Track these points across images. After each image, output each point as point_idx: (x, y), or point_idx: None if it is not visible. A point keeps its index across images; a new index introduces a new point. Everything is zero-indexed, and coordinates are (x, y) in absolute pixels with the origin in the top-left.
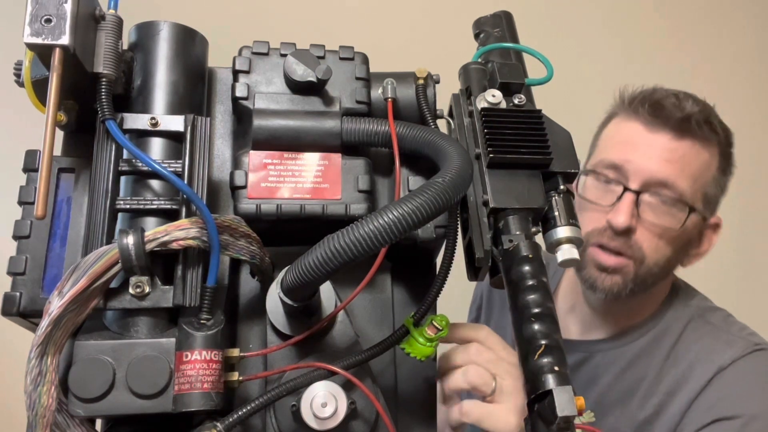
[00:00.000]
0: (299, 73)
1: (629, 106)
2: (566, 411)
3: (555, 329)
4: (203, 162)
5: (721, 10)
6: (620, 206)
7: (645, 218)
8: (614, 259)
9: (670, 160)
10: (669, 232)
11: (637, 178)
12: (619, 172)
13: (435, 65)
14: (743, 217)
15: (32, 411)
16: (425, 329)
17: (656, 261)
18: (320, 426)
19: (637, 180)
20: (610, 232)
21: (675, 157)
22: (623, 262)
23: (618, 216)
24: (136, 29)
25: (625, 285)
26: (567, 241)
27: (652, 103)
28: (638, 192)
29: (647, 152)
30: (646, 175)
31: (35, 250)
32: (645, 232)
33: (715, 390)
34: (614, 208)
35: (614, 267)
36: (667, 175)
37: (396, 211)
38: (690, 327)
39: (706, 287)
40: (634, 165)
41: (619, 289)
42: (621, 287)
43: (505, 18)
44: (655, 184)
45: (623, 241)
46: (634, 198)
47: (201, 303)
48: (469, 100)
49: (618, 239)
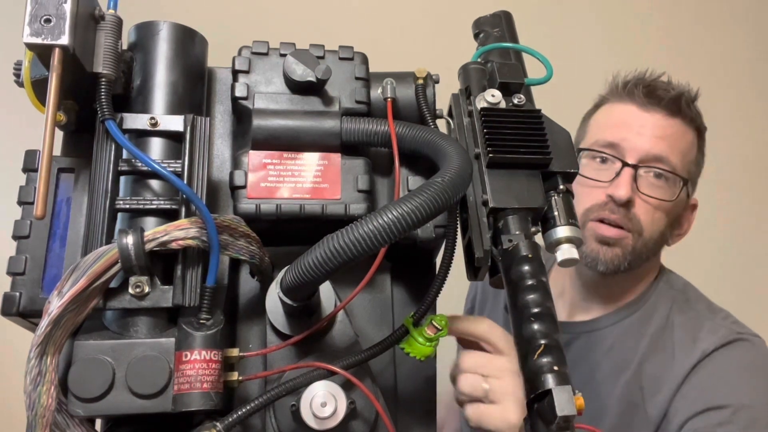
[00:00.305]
0: (299, 73)
1: (623, 89)
2: (566, 410)
3: (555, 329)
4: (203, 162)
5: (721, 10)
6: (620, 180)
7: (642, 191)
8: (615, 231)
9: (662, 136)
10: (664, 204)
11: (634, 153)
12: (615, 149)
13: (435, 65)
14: (744, 216)
15: (32, 411)
16: (425, 329)
17: (651, 234)
18: (320, 426)
19: (634, 156)
20: (611, 205)
21: (667, 134)
22: (623, 234)
23: (619, 189)
24: (136, 29)
25: (624, 258)
26: (567, 241)
27: (646, 84)
28: (636, 166)
29: (642, 130)
30: (642, 151)
31: (35, 250)
32: (643, 205)
33: (702, 378)
34: (614, 182)
35: (615, 238)
36: (661, 150)
37: (395, 211)
38: (675, 309)
39: (707, 287)
40: (631, 142)
41: (620, 262)
42: (621, 259)
43: (505, 18)
44: (651, 159)
45: (624, 213)
46: (632, 172)
47: (200, 303)
48: (469, 100)
49: (619, 212)
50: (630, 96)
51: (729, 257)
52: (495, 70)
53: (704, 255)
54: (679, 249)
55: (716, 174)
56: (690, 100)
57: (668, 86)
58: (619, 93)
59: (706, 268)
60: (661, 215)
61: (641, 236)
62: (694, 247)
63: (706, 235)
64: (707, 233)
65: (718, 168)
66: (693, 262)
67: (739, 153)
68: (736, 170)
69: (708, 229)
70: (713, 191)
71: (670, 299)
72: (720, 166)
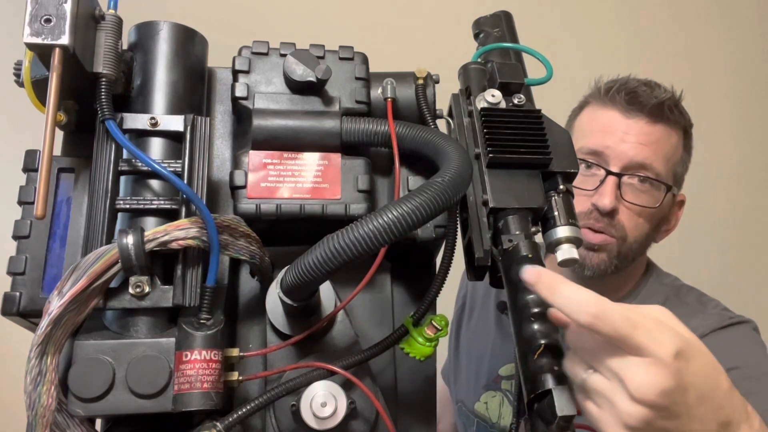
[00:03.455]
0: (299, 73)
1: (605, 95)
2: (566, 410)
3: (554, 329)
4: (203, 162)
5: (722, 10)
6: (604, 189)
7: (626, 199)
8: (600, 237)
9: (646, 143)
10: (648, 210)
11: (618, 161)
12: (599, 157)
13: (435, 65)
14: (743, 216)
15: (32, 411)
16: (424, 329)
17: (636, 238)
18: (320, 425)
19: (618, 163)
20: (596, 214)
21: (651, 141)
22: (608, 240)
23: (603, 198)
24: (136, 29)
25: (610, 262)
26: (567, 241)
27: (628, 91)
28: (619, 175)
29: (625, 137)
30: (626, 158)
31: (35, 250)
32: (626, 212)
33: None
34: (598, 191)
35: (600, 244)
36: (645, 157)
37: (395, 211)
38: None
39: (707, 286)
40: (614, 150)
41: (606, 266)
42: (607, 264)
43: (505, 18)
44: (635, 166)
45: (608, 221)
46: (616, 181)
47: (201, 303)
48: (469, 100)
49: (603, 220)
50: (612, 102)
51: (728, 257)
52: (495, 70)
53: (703, 254)
54: (680, 250)
55: (717, 174)
56: (673, 105)
57: (650, 92)
58: (602, 98)
59: (704, 266)
60: (645, 220)
61: (625, 241)
62: (694, 247)
63: (705, 233)
64: (706, 231)
65: (718, 168)
66: (692, 260)
67: (739, 152)
68: (736, 170)
69: (707, 228)
70: (713, 191)
71: (662, 295)
72: (720, 167)
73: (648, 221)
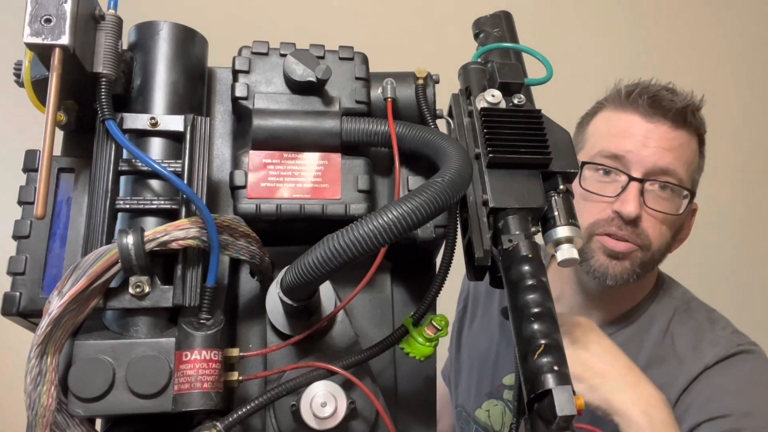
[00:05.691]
0: (299, 73)
1: (626, 99)
2: (566, 410)
3: (555, 329)
4: (203, 162)
5: (721, 10)
6: (627, 196)
7: (649, 205)
8: (624, 245)
9: (668, 148)
10: (670, 218)
11: (640, 166)
12: (619, 161)
13: (435, 65)
14: (743, 217)
15: (32, 411)
16: (424, 329)
17: (659, 246)
18: (320, 425)
19: (640, 169)
20: (618, 221)
21: (673, 146)
22: (632, 248)
23: (627, 205)
24: (136, 29)
25: (633, 271)
26: (567, 241)
27: (650, 95)
28: (642, 180)
29: (647, 142)
30: (649, 164)
31: (35, 250)
32: (650, 219)
33: (704, 390)
34: (620, 197)
35: (624, 252)
36: (668, 163)
37: (395, 211)
38: (675, 320)
39: (707, 284)
40: (636, 154)
41: (629, 275)
42: (630, 273)
43: (505, 18)
44: (658, 172)
45: (631, 229)
46: (639, 187)
47: (201, 303)
48: (469, 100)
49: (626, 228)
50: (633, 105)
51: (728, 258)
52: (495, 70)
53: (704, 257)
54: (679, 250)
55: (716, 173)
56: (695, 110)
57: (673, 96)
58: (621, 101)
59: (706, 270)
60: (668, 227)
61: (649, 250)
62: (694, 248)
63: (706, 237)
64: (707, 234)
65: (718, 167)
66: (692, 264)
67: (740, 152)
68: (736, 169)
69: (708, 230)
70: (713, 190)
71: (671, 309)
72: (720, 166)
73: (670, 229)
